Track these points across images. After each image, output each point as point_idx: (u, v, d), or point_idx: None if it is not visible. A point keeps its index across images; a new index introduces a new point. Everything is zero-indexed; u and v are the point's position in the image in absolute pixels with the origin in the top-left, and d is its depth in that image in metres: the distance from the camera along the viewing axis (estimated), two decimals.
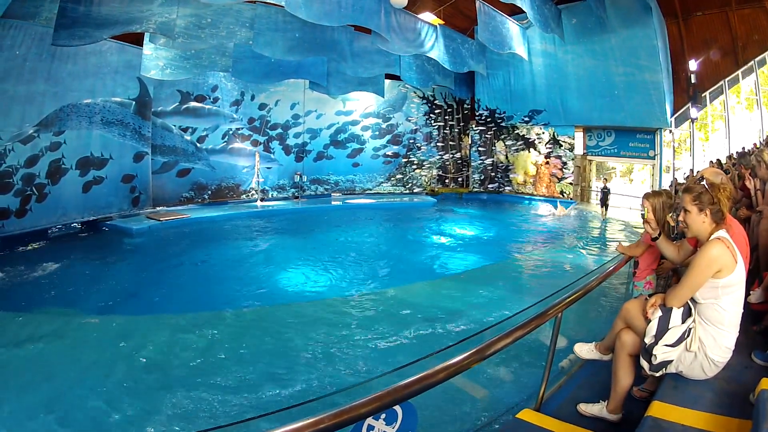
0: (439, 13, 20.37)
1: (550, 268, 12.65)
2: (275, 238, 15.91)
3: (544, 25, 16.96)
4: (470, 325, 8.11)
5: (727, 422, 2.66)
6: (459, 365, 2.50)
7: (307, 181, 23.87)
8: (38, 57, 13.43)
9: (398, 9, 15.44)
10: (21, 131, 13.39)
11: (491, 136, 26.71)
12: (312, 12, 12.14)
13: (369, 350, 7.33)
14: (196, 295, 10.17)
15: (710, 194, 3.15)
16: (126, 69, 16.19)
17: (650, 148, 21.44)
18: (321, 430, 1.86)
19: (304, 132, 23.68)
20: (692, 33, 20.16)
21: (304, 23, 13.92)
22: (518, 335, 2.96)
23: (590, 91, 21.57)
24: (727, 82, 19.93)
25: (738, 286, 3.02)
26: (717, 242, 3.00)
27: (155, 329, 8.07)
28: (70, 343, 7.46)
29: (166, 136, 18.67)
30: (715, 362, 3.05)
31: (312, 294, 10.34)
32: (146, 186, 17.87)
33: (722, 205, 3.11)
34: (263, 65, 17.12)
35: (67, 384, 6.20)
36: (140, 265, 12.57)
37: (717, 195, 3.12)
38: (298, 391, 5.97)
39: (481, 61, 20.84)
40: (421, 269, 12.43)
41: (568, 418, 3.42)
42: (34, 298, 9.37)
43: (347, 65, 18.00)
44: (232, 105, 20.94)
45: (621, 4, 18.68)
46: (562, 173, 24.09)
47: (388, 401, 2.11)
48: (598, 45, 20.46)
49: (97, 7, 11.68)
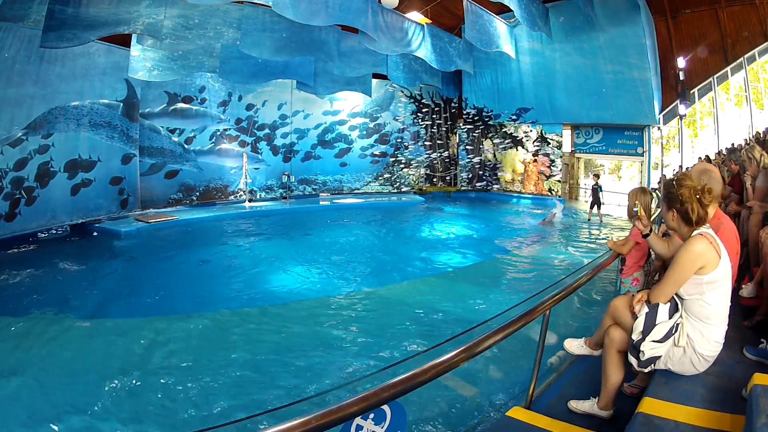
0: (427, 12, 20.38)
1: (539, 265, 12.65)
2: (264, 238, 15.84)
3: (532, 24, 17.01)
4: (459, 322, 8.08)
5: (720, 417, 2.65)
6: (448, 363, 2.49)
7: (295, 181, 23.79)
8: (27, 59, 13.31)
9: (386, 8, 15.45)
10: (10, 134, 13.26)
11: (479, 134, 26.72)
12: (299, 12, 12.11)
13: (354, 351, 7.31)
14: (186, 296, 10.08)
15: (678, 194, 3.11)
16: (114, 70, 16.07)
17: (638, 145, 21.55)
18: (309, 430, 1.85)
19: (291, 132, 23.60)
20: (681, 30, 20.30)
21: (292, 23, 13.85)
22: (507, 332, 2.96)
23: (578, 89, 21.61)
24: (716, 78, 20.07)
25: (723, 281, 3.00)
26: (699, 238, 2.98)
27: (145, 331, 8.01)
28: (58, 346, 7.38)
29: (153, 137, 18.55)
30: (704, 357, 3.04)
31: (300, 294, 10.26)
32: (134, 188, 17.75)
33: (690, 209, 3.05)
34: (250, 66, 17.04)
35: (58, 388, 6.13)
36: (129, 268, 12.46)
37: (686, 196, 3.07)
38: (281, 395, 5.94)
39: (469, 60, 20.89)
40: (410, 268, 12.39)
41: (559, 416, 3.42)
42: (23, 302, 9.24)
43: (334, 65, 17.99)
44: (219, 106, 20.83)
45: (609, 2, 18.77)
46: (550, 171, 24.15)
47: (377, 401, 2.10)
48: (586, 43, 20.50)
49: (85, 8, 11.63)
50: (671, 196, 3.15)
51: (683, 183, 3.11)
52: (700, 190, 3.07)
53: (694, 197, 3.04)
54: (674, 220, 3.18)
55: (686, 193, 3.06)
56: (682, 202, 3.07)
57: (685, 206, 3.05)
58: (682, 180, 3.14)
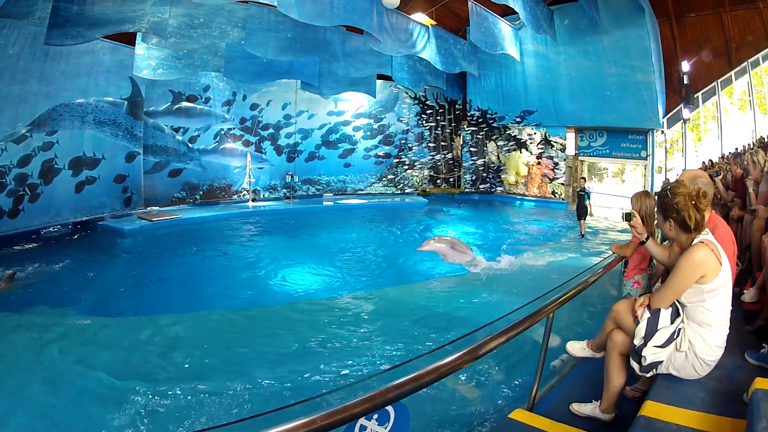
0: (431, 13, 20.36)
1: (543, 267, 12.61)
2: (266, 238, 15.87)
3: (536, 26, 16.98)
4: (462, 324, 8.06)
5: (721, 422, 2.66)
6: (451, 365, 2.50)
7: (299, 181, 23.82)
8: (31, 56, 13.40)
9: (390, 9, 15.45)
10: (14, 131, 13.35)
11: (483, 136, 26.69)
12: (304, 12, 12.14)
13: (358, 351, 7.31)
14: (188, 295, 10.13)
15: (672, 204, 3.07)
16: (118, 69, 16.14)
17: (642, 148, 21.46)
18: (314, 430, 1.86)
19: (295, 132, 23.64)
20: (685, 34, 20.23)
21: (297, 23, 13.87)
22: (510, 335, 2.96)
23: (582, 92, 21.57)
24: (719, 83, 20.02)
25: (723, 288, 2.98)
26: (701, 246, 2.96)
27: (145, 330, 8.03)
28: (61, 343, 7.41)
29: (157, 136, 18.60)
30: (706, 361, 3.04)
31: (301, 295, 10.31)
32: (138, 186, 17.83)
33: (687, 216, 3.01)
34: (255, 65, 17.07)
35: (61, 386, 6.16)
36: (132, 266, 12.51)
37: (681, 204, 3.03)
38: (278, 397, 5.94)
39: (473, 62, 20.86)
40: (413, 270, 12.39)
41: (561, 418, 3.43)
42: (25, 299, 9.28)
43: (339, 65, 18.02)
44: (223, 105, 20.88)
45: (613, 4, 18.70)
46: (553, 174, 24.11)
47: (381, 401, 2.11)
48: (590, 46, 20.46)
49: (90, 6, 11.64)
50: (666, 206, 3.12)
51: (677, 191, 3.08)
52: (695, 196, 3.04)
53: (690, 204, 3.01)
54: (672, 230, 3.14)
55: (681, 201, 3.03)
56: (678, 211, 3.03)
57: (682, 214, 3.02)
58: (676, 188, 3.10)
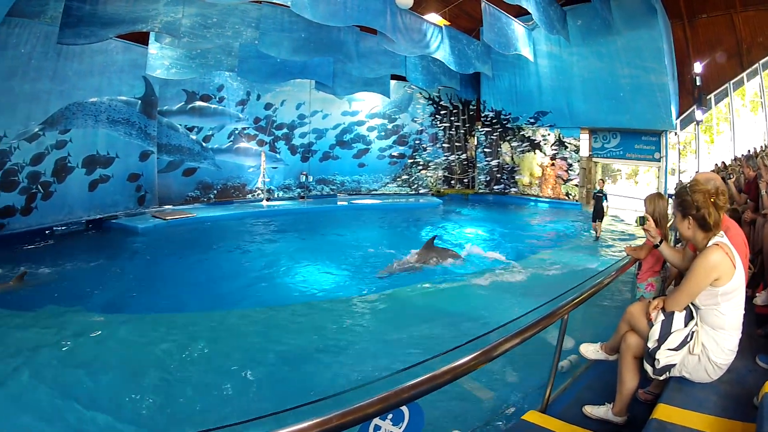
0: (445, 14, 20.35)
1: (559, 269, 12.55)
2: (281, 238, 15.92)
3: (550, 27, 16.95)
4: (473, 327, 8.05)
5: (732, 425, 2.66)
6: (466, 366, 2.50)
7: (313, 181, 23.88)
8: (44, 55, 13.50)
9: (404, 10, 15.45)
10: (27, 129, 13.46)
11: (497, 137, 26.61)
12: (318, 12, 12.19)
13: (373, 350, 7.34)
14: (201, 294, 10.18)
15: (692, 201, 3.07)
16: (131, 68, 16.25)
17: (656, 150, 21.36)
18: (328, 429, 1.86)
19: (309, 132, 23.68)
20: (697, 35, 20.12)
21: (310, 23, 13.89)
22: (525, 336, 2.95)
23: (596, 93, 21.48)
24: (732, 84, 19.89)
25: (738, 291, 2.98)
26: (716, 248, 2.95)
27: (160, 328, 8.09)
28: (74, 341, 7.47)
29: (171, 135, 18.72)
30: (718, 365, 3.03)
31: (317, 294, 10.34)
32: (152, 185, 17.94)
33: (707, 214, 3.01)
34: (269, 65, 17.13)
35: (69, 382, 6.24)
36: (146, 264, 12.61)
37: (701, 202, 3.03)
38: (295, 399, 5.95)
39: (487, 62, 20.85)
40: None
41: (574, 420, 3.42)
42: (38, 297, 9.35)
43: (353, 66, 18.04)
44: (237, 105, 20.98)
45: (626, 5, 18.63)
46: (567, 175, 24.02)
47: (395, 401, 2.12)
48: (603, 47, 20.37)
49: (102, 6, 11.78)
50: (685, 203, 3.11)
51: (696, 188, 3.08)
52: (714, 193, 3.04)
53: (710, 201, 3.01)
54: (690, 228, 3.13)
55: (701, 198, 3.02)
56: (698, 208, 3.03)
57: (702, 212, 3.01)
58: (695, 185, 3.11)
